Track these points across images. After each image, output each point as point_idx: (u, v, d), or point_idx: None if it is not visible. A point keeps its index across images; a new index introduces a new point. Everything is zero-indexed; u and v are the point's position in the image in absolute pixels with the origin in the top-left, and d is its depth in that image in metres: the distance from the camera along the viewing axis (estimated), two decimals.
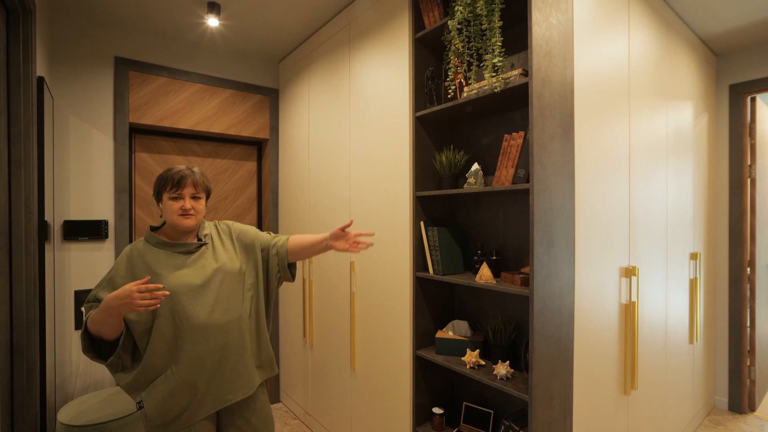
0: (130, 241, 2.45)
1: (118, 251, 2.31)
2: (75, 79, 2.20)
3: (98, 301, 1.22)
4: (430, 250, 1.73)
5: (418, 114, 1.74)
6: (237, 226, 1.47)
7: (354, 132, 2.13)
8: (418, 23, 1.78)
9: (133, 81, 2.37)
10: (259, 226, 3.01)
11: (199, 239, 1.36)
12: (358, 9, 2.09)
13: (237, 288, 1.34)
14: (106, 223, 2.27)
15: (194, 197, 1.31)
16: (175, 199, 1.27)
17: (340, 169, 2.25)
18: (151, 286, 1.08)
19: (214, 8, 2.13)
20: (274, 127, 2.94)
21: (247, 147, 2.97)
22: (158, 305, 1.12)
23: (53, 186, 2.09)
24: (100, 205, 2.27)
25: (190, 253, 1.31)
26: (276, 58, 2.88)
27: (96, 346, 1.23)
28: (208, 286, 1.28)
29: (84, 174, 2.23)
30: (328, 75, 2.36)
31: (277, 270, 1.45)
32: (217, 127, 2.67)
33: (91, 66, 2.25)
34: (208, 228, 1.42)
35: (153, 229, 1.35)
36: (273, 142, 2.93)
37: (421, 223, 1.75)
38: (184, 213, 1.27)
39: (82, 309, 1.22)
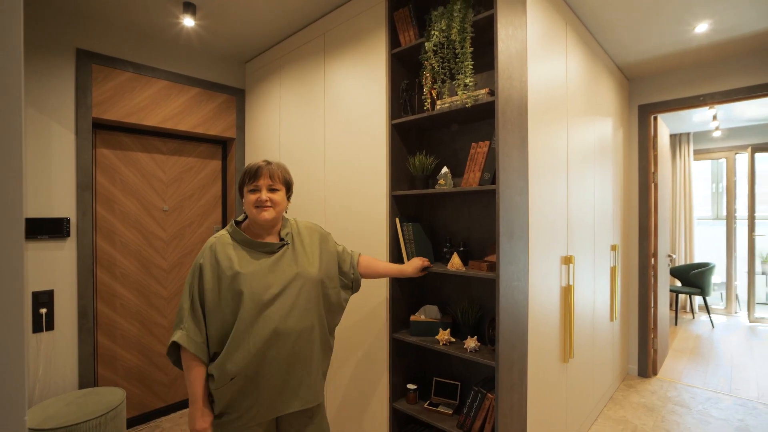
0: (93, 239, 2.36)
1: (81, 250, 2.23)
2: (32, 69, 2.10)
3: (190, 314, 1.23)
4: (405, 243, 1.94)
5: (394, 122, 1.95)
6: (322, 230, 1.50)
7: (330, 135, 2.28)
8: (394, 40, 1.98)
9: (96, 75, 2.30)
10: (224, 224, 3.02)
11: (281, 239, 1.36)
12: (334, 21, 2.25)
13: (313, 295, 1.33)
14: (68, 220, 2.18)
15: (271, 189, 1.30)
16: (252, 191, 1.29)
17: (315, 170, 2.38)
18: None
19: (189, 8, 2.16)
20: (240, 127, 2.97)
21: (212, 146, 2.97)
22: None
23: None
24: (61, 203, 2.18)
25: (272, 253, 1.30)
26: (242, 58, 2.92)
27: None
28: (286, 291, 1.28)
29: (43, 170, 2.13)
30: (301, 80, 2.48)
31: (350, 285, 1.52)
32: (184, 125, 2.66)
33: (50, 56, 2.15)
34: (290, 227, 1.40)
35: (237, 224, 1.35)
36: (239, 141, 2.97)
37: (397, 219, 1.95)
38: (260, 204, 1.28)
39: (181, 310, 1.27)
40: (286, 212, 1.43)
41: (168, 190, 2.73)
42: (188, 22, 2.25)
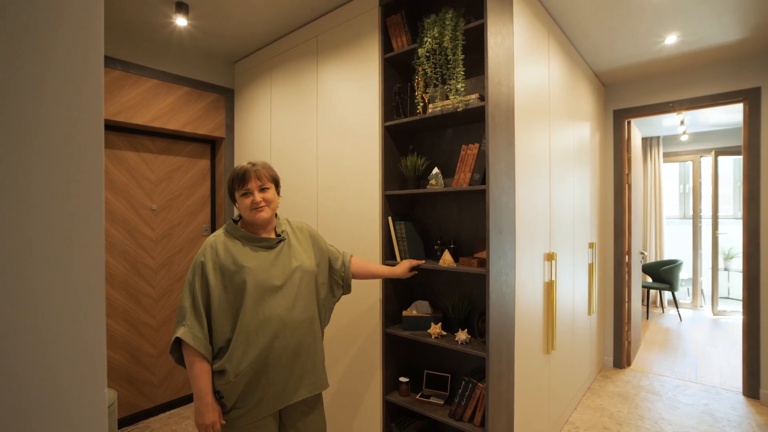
0: None
1: None
2: None
3: (192, 311, 1.25)
4: (398, 241, 2.01)
5: (387, 124, 2.01)
6: (312, 228, 1.56)
7: (322, 136, 2.32)
8: (386, 45, 2.05)
9: None
10: (213, 224, 3.02)
11: (278, 234, 1.42)
12: (327, 24, 2.29)
13: (312, 287, 1.42)
14: None
15: (262, 189, 1.35)
16: (245, 195, 1.33)
17: (307, 170, 2.42)
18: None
19: (182, 8, 2.16)
20: (230, 126, 2.98)
21: (201, 145, 2.97)
22: None
23: None
24: None
25: (271, 248, 1.36)
26: (232, 58, 2.93)
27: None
28: (288, 284, 1.34)
29: None
30: (293, 81, 2.51)
31: (341, 284, 1.57)
32: (174, 124, 2.65)
33: None
34: (284, 224, 1.47)
35: (234, 222, 1.39)
36: (228, 140, 2.97)
37: (389, 218, 2.02)
38: (256, 207, 1.32)
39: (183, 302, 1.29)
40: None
41: (156, 189, 2.71)
42: (181, 21, 2.25)
